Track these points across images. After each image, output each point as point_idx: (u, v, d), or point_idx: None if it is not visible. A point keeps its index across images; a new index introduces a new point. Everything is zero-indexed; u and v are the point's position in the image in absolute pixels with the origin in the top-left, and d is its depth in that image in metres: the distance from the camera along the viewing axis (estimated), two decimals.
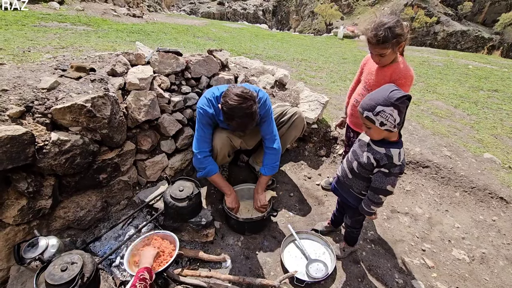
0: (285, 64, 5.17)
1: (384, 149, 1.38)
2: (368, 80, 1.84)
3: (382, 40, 1.54)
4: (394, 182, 1.43)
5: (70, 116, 1.66)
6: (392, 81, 1.66)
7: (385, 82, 1.61)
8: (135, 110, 2.03)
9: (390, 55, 1.63)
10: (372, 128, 1.34)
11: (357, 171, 1.53)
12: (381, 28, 1.54)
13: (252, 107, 1.72)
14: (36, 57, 2.36)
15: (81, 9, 6.31)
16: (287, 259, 1.91)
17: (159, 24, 7.14)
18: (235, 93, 1.71)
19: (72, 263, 1.34)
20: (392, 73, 1.70)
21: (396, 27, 1.53)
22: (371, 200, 1.50)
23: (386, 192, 1.44)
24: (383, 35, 1.53)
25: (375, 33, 1.55)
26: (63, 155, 1.63)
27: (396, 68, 1.70)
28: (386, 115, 1.26)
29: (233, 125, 1.80)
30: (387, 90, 1.29)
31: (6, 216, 1.52)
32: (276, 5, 37.82)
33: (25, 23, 4.28)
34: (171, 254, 1.64)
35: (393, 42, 1.55)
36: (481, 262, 1.98)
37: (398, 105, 1.25)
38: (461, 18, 29.61)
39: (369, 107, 1.30)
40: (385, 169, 1.39)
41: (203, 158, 2.03)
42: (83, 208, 1.89)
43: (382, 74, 1.75)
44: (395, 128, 1.30)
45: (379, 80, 1.76)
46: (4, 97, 1.58)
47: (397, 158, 1.36)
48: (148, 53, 2.43)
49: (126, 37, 4.52)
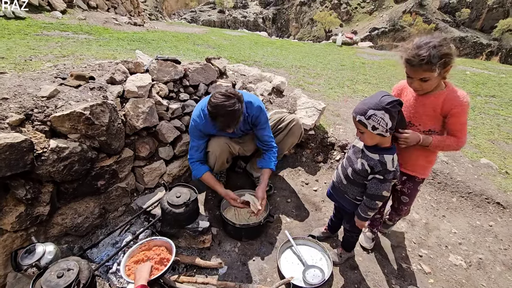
0: (284, 71, 5.22)
1: (377, 156, 1.41)
2: (411, 114, 1.55)
3: (426, 60, 1.28)
4: (389, 187, 1.46)
5: (69, 123, 1.69)
6: (444, 112, 1.43)
7: (434, 113, 1.46)
8: (133, 117, 2.06)
9: (434, 80, 1.36)
10: (365, 132, 1.37)
11: (352, 178, 1.55)
12: (425, 46, 1.30)
13: (234, 105, 1.75)
14: (37, 66, 2.41)
15: (83, 18, 6.41)
16: (284, 265, 1.91)
17: (159, 32, 7.24)
18: (219, 92, 1.78)
19: (68, 270, 1.34)
20: (444, 102, 1.42)
21: (443, 46, 1.29)
22: (368, 206, 1.51)
23: (382, 197, 1.47)
24: (428, 54, 1.28)
25: (417, 52, 1.30)
26: (61, 162, 1.65)
27: (448, 96, 1.42)
28: (378, 119, 1.29)
29: (218, 125, 1.83)
30: (379, 95, 1.32)
31: (4, 222, 1.54)
32: (276, 13, 38.30)
33: (28, 32, 4.35)
34: (168, 261, 1.65)
35: (440, 63, 1.29)
36: (478, 268, 1.98)
37: (389, 109, 1.28)
38: (459, 24, 29.91)
39: (362, 111, 1.33)
40: (380, 176, 1.42)
41: (191, 163, 2.16)
42: (80, 215, 1.91)
43: (429, 105, 1.46)
44: (387, 132, 1.33)
45: (425, 111, 1.49)
46: (4, 105, 1.61)
47: (391, 164, 1.40)
48: (147, 61, 2.47)
49: (127, 45, 4.59)
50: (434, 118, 1.48)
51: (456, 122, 1.44)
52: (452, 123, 1.45)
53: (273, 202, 2.47)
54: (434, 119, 1.48)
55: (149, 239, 1.78)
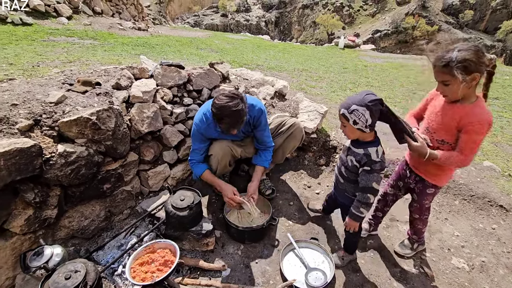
0: (286, 74, 5.26)
1: (362, 150, 1.53)
2: (431, 120, 1.56)
3: (445, 63, 1.30)
4: (378, 179, 1.53)
5: (76, 128, 1.73)
6: (461, 126, 1.40)
7: (450, 125, 1.44)
8: (138, 122, 2.10)
9: (456, 85, 1.32)
10: (347, 126, 1.49)
11: (346, 175, 1.66)
12: (450, 49, 1.31)
13: (238, 105, 1.79)
14: (45, 72, 2.47)
15: (89, 23, 6.52)
16: (287, 267, 1.93)
17: (163, 37, 7.33)
18: (223, 93, 1.82)
19: (75, 272, 1.38)
20: (464, 116, 1.38)
21: (467, 51, 1.27)
22: (360, 201, 1.58)
23: (372, 190, 1.54)
24: (448, 57, 1.29)
25: (441, 54, 1.33)
26: (69, 166, 1.69)
27: (471, 110, 1.37)
28: (359, 114, 1.40)
29: (223, 126, 1.86)
30: (364, 93, 1.43)
31: (13, 225, 1.58)
32: (278, 16, 38.49)
33: (35, 38, 4.45)
34: (172, 263, 1.68)
35: (459, 67, 1.26)
36: (481, 271, 1.98)
37: (370, 107, 1.38)
38: (463, 26, 29.80)
39: (346, 105, 1.45)
40: (367, 167, 1.51)
41: (191, 164, 2.23)
42: (87, 218, 1.95)
43: (450, 116, 1.44)
44: (366, 128, 1.44)
45: (444, 121, 1.48)
46: (14, 111, 1.66)
47: (375, 155, 1.50)
48: (152, 66, 2.52)
49: (131, 50, 4.67)
50: (450, 129, 1.46)
51: (468, 140, 1.40)
52: (464, 139, 1.41)
53: (276, 205, 2.49)
54: (450, 130, 1.46)
55: (154, 241, 1.81)
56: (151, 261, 1.70)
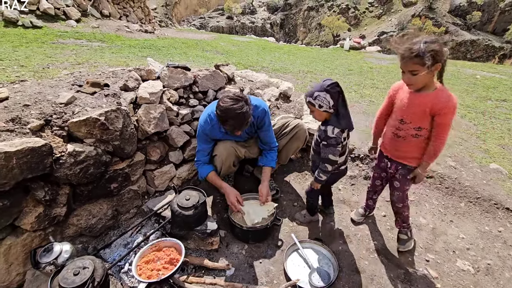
0: (291, 76, 5.28)
1: (323, 127, 1.81)
2: (403, 112, 1.68)
3: (415, 54, 1.41)
4: (335, 152, 1.80)
5: (85, 128, 1.78)
6: (433, 112, 1.55)
7: (423, 113, 1.58)
8: (145, 123, 2.15)
9: (424, 75, 1.46)
10: (315, 111, 1.76)
11: (315, 149, 1.96)
12: (417, 41, 1.43)
13: (243, 107, 1.81)
14: (55, 73, 2.53)
15: (97, 26, 6.63)
16: (290, 267, 1.94)
17: (169, 39, 7.41)
18: (227, 96, 1.85)
19: (83, 268, 1.42)
20: (433, 103, 1.53)
21: (433, 43, 1.41)
22: (321, 169, 1.89)
23: (329, 160, 1.82)
24: (417, 48, 1.40)
25: (409, 46, 1.44)
26: (77, 165, 1.74)
27: (436, 96, 1.53)
28: (321, 98, 1.67)
29: (228, 128, 1.90)
30: (322, 81, 1.71)
31: (24, 222, 1.62)
32: (283, 18, 38.55)
33: (45, 41, 4.55)
34: (177, 261, 1.71)
35: (428, 57, 1.39)
36: (486, 274, 1.97)
37: (329, 90, 1.66)
38: (470, 27, 29.45)
39: (310, 93, 1.72)
40: (324, 141, 1.81)
41: (197, 165, 2.27)
42: (94, 216, 1.99)
43: (418, 103, 1.59)
44: (330, 109, 1.71)
45: (415, 110, 1.62)
46: (26, 111, 1.71)
47: (331, 132, 1.77)
48: (159, 68, 2.56)
49: (138, 52, 4.74)
50: (423, 116, 1.60)
51: (444, 123, 1.56)
52: (439, 123, 1.57)
53: (280, 205, 2.50)
54: (424, 117, 1.60)
55: (159, 240, 1.85)
56: (157, 259, 1.73)
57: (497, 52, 27.47)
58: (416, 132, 1.66)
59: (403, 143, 1.74)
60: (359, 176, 2.83)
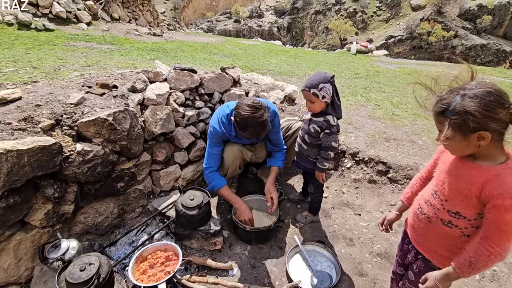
0: (297, 79, 5.30)
1: (322, 118, 1.89)
2: (441, 182, 1.12)
3: (440, 109, 0.98)
4: (336, 138, 1.92)
5: (94, 128, 1.82)
6: (484, 197, 0.96)
7: (470, 194, 1.00)
8: (151, 124, 2.19)
9: (457, 141, 0.97)
10: (316, 102, 1.82)
11: (309, 141, 2.01)
12: (455, 91, 0.97)
13: (263, 116, 1.84)
14: (66, 75, 2.60)
15: (106, 29, 6.78)
16: (292, 269, 1.95)
17: (177, 42, 7.53)
18: (247, 104, 1.85)
19: (90, 264, 1.45)
20: (488, 183, 0.95)
21: (474, 100, 0.90)
22: (323, 157, 1.96)
23: (332, 148, 1.93)
24: (447, 102, 0.96)
25: (443, 95, 1.01)
26: (86, 164, 1.78)
27: (498, 175, 0.95)
28: (326, 90, 1.77)
29: (247, 135, 1.92)
30: (322, 73, 1.80)
31: (33, 219, 1.67)
32: (290, 22, 38.68)
33: (56, 43, 4.67)
34: (175, 264, 1.71)
35: (455, 121, 0.93)
36: (492, 280, 1.94)
37: (332, 82, 1.79)
38: (480, 32, 29.07)
39: (313, 85, 1.77)
40: (327, 130, 1.89)
41: (209, 173, 2.18)
42: (101, 214, 2.03)
43: (464, 176, 1.03)
44: (329, 100, 1.83)
45: (457, 186, 1.05)
46: (37, 111, 1.77)
47: (332, 120, 1.87)
48: (166, 70, 2.62)
49: (146, 55, 4.83)
50: (467, 198, 1.02)
51: (497, 221, 0.95)
52: (490, 219, 0.96)
53: (283, 207, 2.52)
54: (467, 200, 1.03)
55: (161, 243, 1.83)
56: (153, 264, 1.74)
57: (508, 56, 27.02)
58: (450, 218, 1.09)
59: (428, 226, 1.18)
60: (363, 179, 2.83)
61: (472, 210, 1.03)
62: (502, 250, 0.95)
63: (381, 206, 2.53)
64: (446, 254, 1.15)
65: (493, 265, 1.04)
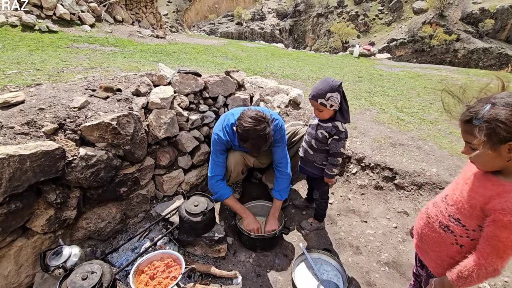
0: (300, 82, 5.27)
1: (330, 124, 1.87)
2: (455, 188, 1.13)
3: (467, 118, 0.95)
4: (344, 145, 1.91)
5: (97, 133, 1.79)
6: (487, 210, 0.96)
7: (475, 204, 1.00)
8: (155, 128, 2.16)
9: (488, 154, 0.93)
10: (324, 110, 1.81)
11: (316, 147, 1.98)
12: (481, 102, 0.95)
13: (265, 129, 1.79)
14: (69, 78, 2.57)
15: (110, 31, 6.78)
16: (298, 278, 1.90)
17: (180, 44, 7.52)
18: (250, 115, 1.80)
19: (92, 273, 1.41)
20: (495, 197, 0.94)
21: (504, 107, 0.87)
22: (332, 163, 1.95)
23: (341, 154, 1.92)
24: (475, 110, 0.93)
25: (468, 107, 0.98)
26: (89, 169, 1.75)
27: (506, 193, 0.93)
28: (334, 99, 1.75)
29: (247, 147, 1.88)
30: (329, 80, 1.76)
31: (35, 225, 1.64)
32: (292, 25, 38.77)
33: (59, 45, 4.66)
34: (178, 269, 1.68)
35: (484, 130, 0.89)
36: None
37: (340, 90, 1.76)
38: (483, 35, 29.04)
39: (321, 95, 1.74)
40: (336, 136, 1.87)
41: (215, 182, 2.13)
42: (103, 220, 2.00)
43: (478, 190, 1.01)
44: (338, 106, 1.80)
45: (469, 196, 1.03)
46: (41, 115, 1.74)
47: (341, 126, 1.87)
48: (169, 73, 2.59)
49: (150, 57, 4.81)
50: (471, 208, 1.02)
51: (491, 236, 0.94)
52: (487, 233, 0.96)
53: (288, 214, 2.47)
54: (471, 210, 1.02)
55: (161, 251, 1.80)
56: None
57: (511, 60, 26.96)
58: (449, 223, 1.09)
59: (426, 228, 1.20)
60: (369, 185, 2.78)
61: (474, 220, 1.02)
62: (488, 264, 0.95)
63: (388, 213, 2.49)
64: (441, 262, 1.15)
65: (484, 279, 1.01)
